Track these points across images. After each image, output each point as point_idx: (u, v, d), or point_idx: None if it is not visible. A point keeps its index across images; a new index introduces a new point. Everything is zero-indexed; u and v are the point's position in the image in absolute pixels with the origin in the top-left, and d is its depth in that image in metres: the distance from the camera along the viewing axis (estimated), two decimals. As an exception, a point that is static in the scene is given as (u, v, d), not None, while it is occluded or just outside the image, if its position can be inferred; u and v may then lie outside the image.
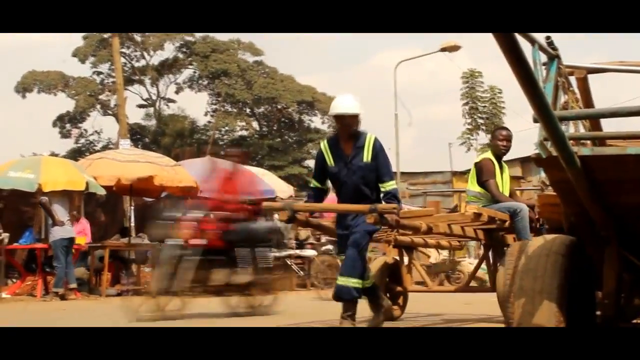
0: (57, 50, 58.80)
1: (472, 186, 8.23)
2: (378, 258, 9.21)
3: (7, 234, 13.43)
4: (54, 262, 13.31)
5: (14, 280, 14.86)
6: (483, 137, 30.59)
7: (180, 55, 39.58)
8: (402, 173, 24.95)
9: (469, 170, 8.44)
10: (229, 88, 38.42)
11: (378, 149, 7.01)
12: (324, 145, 7.26)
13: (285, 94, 37.45)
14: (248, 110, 39.83)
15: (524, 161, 31.53)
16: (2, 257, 13.44)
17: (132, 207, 17.70)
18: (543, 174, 8.97)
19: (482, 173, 8.08)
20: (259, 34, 61.32)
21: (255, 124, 40.80)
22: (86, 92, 35.55)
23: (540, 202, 4.98)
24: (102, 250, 14.81)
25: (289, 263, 16.49)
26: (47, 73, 34.89)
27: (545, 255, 3.62)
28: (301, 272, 17.06)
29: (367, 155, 6.98)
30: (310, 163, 38.82)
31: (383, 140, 7.21)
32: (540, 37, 3.80)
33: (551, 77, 3.88)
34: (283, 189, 19.08)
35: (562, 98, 4.12)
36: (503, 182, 8.18)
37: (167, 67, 39.57)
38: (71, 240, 13.46)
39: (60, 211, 13.33)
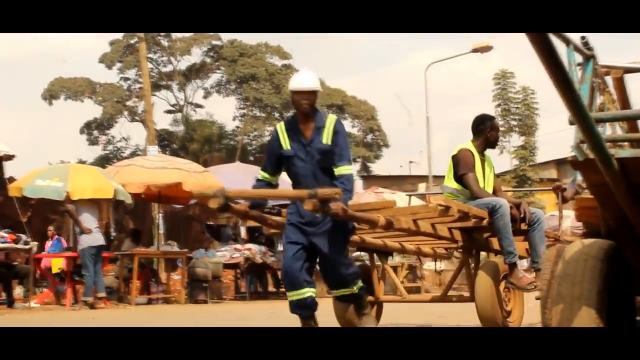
0: (82, 56, 59.06)
1: (449, 181, 7.30)
2: None
3: (35, 243, 13.36)
4: (82, 271, 13.24)
5: (43, 289, 14.80)
6: (516, 139, 30.14)
7: (208, 60, 39.51)
8: (435, 177, 24.55)
9: (504, 173, 7.95)
10: (257, 92, 38.32)
11: (339, 131, 6.33)
12: (280, 127, 6.52)
13: (314, 97, 37.24)
14: (277, 115, 39.68)
15: (559, 163, 31.03)
16: (31, 266, 13.40)
17: (161, 215, 17.55)
18: (579, 177, 8.47)
19: (459, 166, 7.15)
20: (287, 38, 61.22)
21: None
22: (113, 98, 35.56)
23: (577, 205, 4.73)
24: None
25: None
26: (74, 80, 34.93)
27: (584, 260, 3.53)
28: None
29: (327, 137, 6.29)
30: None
31: (415, 144, 6.84)
32: (575, 36, 3.71)
33: (587, 78, 3.78)
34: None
35: (599, 99, 4.05)
36: (485, 177, 7.28)
37: (195, 71, 39.52)
38: (100, 248, 13.41)
39: (88, 219, 13.29)
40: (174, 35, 36.25)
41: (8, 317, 11.21)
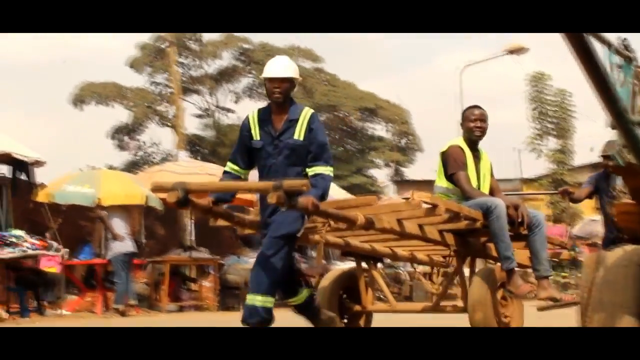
0: (111, 60, 59.36)
1: (440, 181, 6.72)
2: (333, 269, 7.81)
3: (66, 250, 13.26)
4: (113, 278, 13.15)
5: (74, 296, 14.70)
6: (553, 143, 29.65)
7: (238, 64, 39.41)
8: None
9: (540, 177, 7.50)
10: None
11: (314, 125, 5.82)
12: (252, 115, 6.01)
13: (346, 101, 37.04)
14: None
15: (594, 167, 30.41)
16: (61, 273, 13.31)
17: (192, 221, 17.40)
18: (619, 182, 8.09)
19: (449, 164, 6.59)
20: (317, 40, 61.07)
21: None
22: (143, 103, 35.51)
23: (617, 210, 4.69)
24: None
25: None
26: (103, 84, 34.95)
27: (625, 266, 3.51)
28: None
29: (299, 132, 5.79)
30: (374, 172, 38.25)
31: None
32: (614, 38, 3.58)
33: (628, 80, 3.64)
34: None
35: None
36: (480, 175, 6.70)
37: (225, 76, 39.42)
38: (131, 255, 13.34)
39: (119, 226, 13.24)
40: (204, 39, 36.18)
41: (39, 325, 11.07)
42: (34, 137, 52.54)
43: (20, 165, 14.21)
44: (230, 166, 6.11)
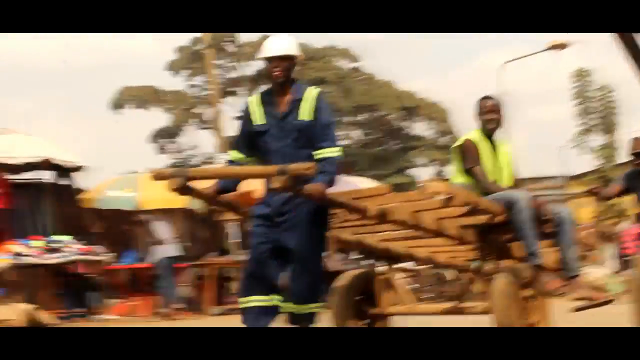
0: (148, 64, 59.76)
1: (457, 177, 6.38)
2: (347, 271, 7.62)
3: (110, 254, 13.30)
4: (157, 282, 13.14)
5: (118, 301, 14.74)
6: (599, 139, 29.22)
7: (276, 65, 39.42)
8: (512, 178, 23.83)
9: (585, 174, 7.15)
10: (327, 96, 38.06)
11: (320, 104, 5.43)
12: (252, 99, 5.63)
13: (385, 100, 36.87)
14: (348, 119, 39.38)
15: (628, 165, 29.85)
16: (105, 277, 13.36)
17: (235, 224, 17.34)
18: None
19: (465, 159, 6.26)
20: (355, 39, 60.98)
21: (355, 133, 40.32)
22: (181, 106, 35.65)
23: None
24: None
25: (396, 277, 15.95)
26: (141, 88, 35.15)
27: None
28: (410, 286, 16.36)
29: (305, 111, 5.40)
30: (415, 171, 37.98)
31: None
32: None
33: None
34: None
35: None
36: (498, 168, 6.35)
37: (263, 77, 39.45)
38: (174, 259, 13.31)
39: (162, 229, 13.23)
40: (241, 40, 36.23)
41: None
42: (73, 142, 53.05)
43: (61, 170, 14.27)
44: (234, 155, 5.70)
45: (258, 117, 5.49)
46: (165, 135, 37.30)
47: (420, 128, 39.49)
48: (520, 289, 5.99)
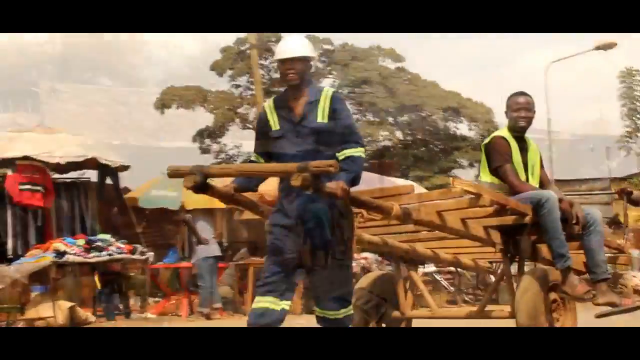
0: (192, 65, 60.17)
1: (484, 176, 6.20)
2: (368, 273, 7.13)
3: (152, 253, 13.38)
4: (198, 282, 13.20)
5: (159, 299, 14.85)
6: (644, 141, 28.74)
7: (320, 65, 39.44)
8: (556, 181, 23.59)
9: (631, 176, 6.95)
10: (371, 96, 37.94)
11: (338, 106, 5.23)
12: (268, 105, 5.47)
13: (429, 100, 36.64)
14: (391, 119, 39.24)
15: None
16: (146, 276, 13.46)
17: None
18: None
19: (493, 157, 6.09)
20: (399, 39, 60.77)
21: (398, 133, 40.17)
22: (224, 106, 35.80)
23: None
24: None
25: (438, 278, 15.89)
26: (186, 88, 35.39)
27: None
28: (451, 288, 16.26)
29: (322, 114, 5.20)
30: (458, 172, 37.66)
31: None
32: None
33: None
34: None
35: None
36: (527, 167, 6.19)
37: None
38: (216, 258, 13.36)
39: (204, 229, 13.28)
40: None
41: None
42: (118, 141, 53.62)
43: (106, 170, 14.41)
44: (255, 157, 5.69)
45: (273, 123, 5.36)
46: (209, 135, 37.46)
47: (464, 128, 39.19)
48: (546, 293, 5.89)
